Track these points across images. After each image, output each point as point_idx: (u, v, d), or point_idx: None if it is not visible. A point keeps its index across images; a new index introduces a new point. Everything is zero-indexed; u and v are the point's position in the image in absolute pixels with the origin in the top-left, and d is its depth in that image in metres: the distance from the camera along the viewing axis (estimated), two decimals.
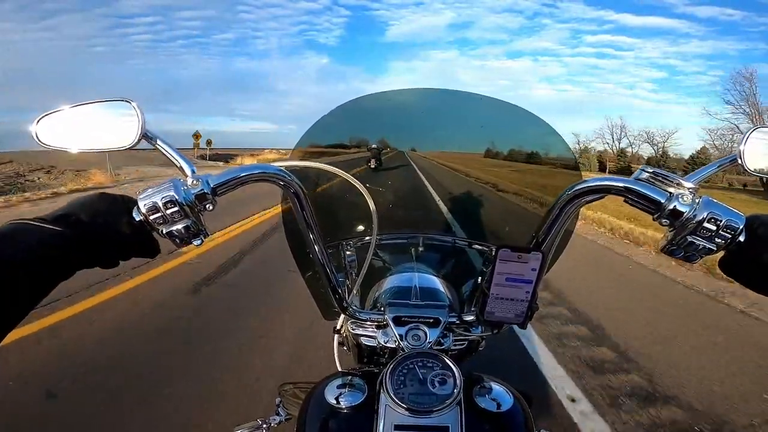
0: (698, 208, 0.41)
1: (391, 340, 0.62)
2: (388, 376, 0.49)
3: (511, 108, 0.75)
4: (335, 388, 0.51)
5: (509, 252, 0.50)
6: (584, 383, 1.96)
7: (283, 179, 0.48)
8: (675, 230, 0.42)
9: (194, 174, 0.44)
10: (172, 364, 1.96)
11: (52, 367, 1.88)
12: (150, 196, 0.41)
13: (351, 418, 0.49)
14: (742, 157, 0.44)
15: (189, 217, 0.42)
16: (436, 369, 0.50)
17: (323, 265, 0.57)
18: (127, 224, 0.41)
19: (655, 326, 2.71)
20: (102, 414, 1.60)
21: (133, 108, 0.45)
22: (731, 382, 2.05)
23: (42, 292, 0.36)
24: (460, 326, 0.62)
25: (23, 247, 0.35)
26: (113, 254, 0.41)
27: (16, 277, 0.34)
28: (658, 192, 0.43)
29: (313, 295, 0.77)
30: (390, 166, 1.00)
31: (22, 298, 0.35)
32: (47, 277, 0.36)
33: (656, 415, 1.76)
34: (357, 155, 0.98)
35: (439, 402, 0.46)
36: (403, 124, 0.90)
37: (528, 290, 0.51)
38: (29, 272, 0.35)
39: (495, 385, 0.52)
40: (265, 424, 0.70)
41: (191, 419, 1.59)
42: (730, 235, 0.40)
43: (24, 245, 0.35)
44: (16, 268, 0.34)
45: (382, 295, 0.73)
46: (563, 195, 0.48)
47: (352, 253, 0.79)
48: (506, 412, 0.49)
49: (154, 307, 2.63)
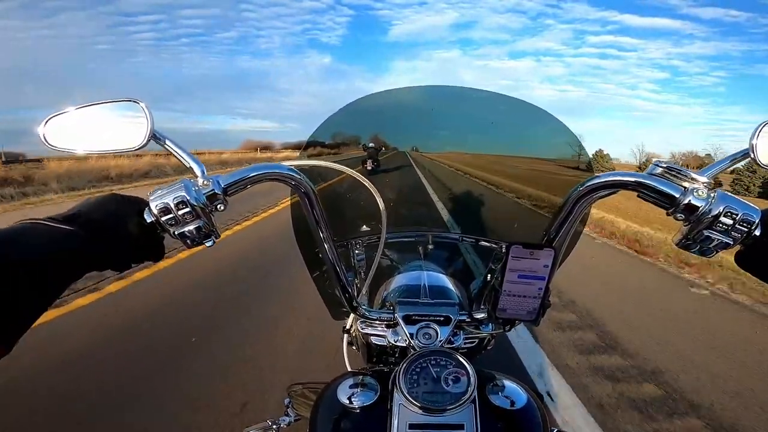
0: (714, 203, 0.40)
1: (401, 339, 0.61)
2: (402, 375, 0.49)
3: (521, 104, 0.75)
4: (347, 387, 0.51)
5: (521, 249, 0.50)
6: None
7: (294, 179, 0.48)
8: (690, 225, 0.42)
9: (205, 174, 0.44)
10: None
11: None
12: (161, 197, 0.41)
13: (365, 418, 0.48)
14: (755, 150, 0.43)
15: (200, 217, 0.42)
16: (449, 367, 0.50)
17: (333, 264, 0.57)
18: (138, 225, 0.41)
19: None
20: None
21: (142, 108, 0.44)
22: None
23: (54, 292, 0.36)
24: (470, 324, 0.62)
25: (35, 247, 0.34)
26: (125, 256, 0.41)
27: (28, 276, 0.33)
28: (672, 187, 0.42)
29: (322, 294, 0.76)
30: (390, 168, 0.99)
31: (36, 298, 0.34)
32: (59, 276, 0.36)
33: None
34: (357, 155, 0.97)
35: (454, 400, 0.46)
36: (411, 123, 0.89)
37: (540, 287, 0.51)
38: (41, 272, 0.34)
39: (508, 382, 0.52)
40: (275, 425, 0.69)
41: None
42: (747, 229, 0.40)
43: (36, 245, 0.35)
44: (27, 267, 0.33)
45: (391, 294, 0.73)
46: (576, 190, 0.48)
47: (361, 252, 0.79)
48: (520, 409, 0.48)
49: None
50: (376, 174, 1.00)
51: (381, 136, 1.00)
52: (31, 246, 0.35)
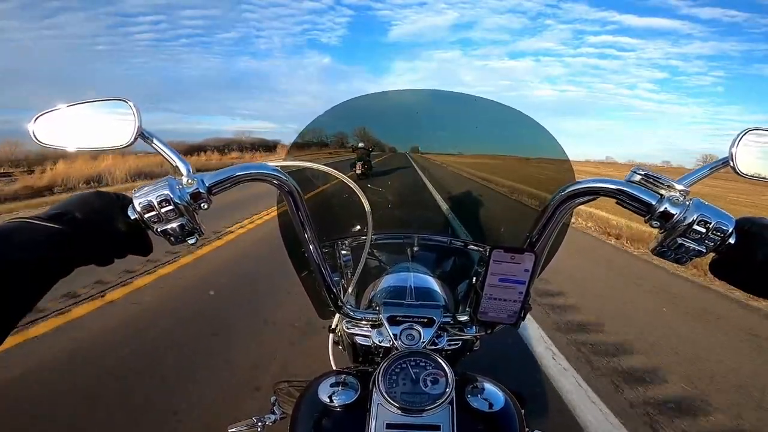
0: (689, 210, 0.41)
1: (385, 339, 0.62)
2: (381, 375, 0.49)
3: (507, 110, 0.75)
4: (329, 386, 0.51)
5: (502, 253, 0.50)
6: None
7: (278, 179, 0.48)
8: (666, 232, 0.43)
9: (190, 173, 0.44)
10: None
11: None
12: (145, 194, 0.42)
13: (344, 417, 0.49)
14: (734, 159, 0.43)
15: (184, 215, 0.43)
16: (428, 368, 0.50)
17: (318, 264, 0.58)
18: (122, 222, 0.42)
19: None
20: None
21: (130, 107, 0.45)
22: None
23: (41, 290, 0.36)
24: (454, 326, 0.62)
25: (22, 246, 0.35)
26: (109, 252, 0.42)
27: (17, 275, 0.34)
28: (649, 194, 0.43)
29: (309, 294, 0.77)
30: (383, 170, 0.98)
31: (23, 296, 0.35)
32: (46, 274, 0.37)
33: None
34: (347, 157, 0.97)
35: (431, 401, 0.46)
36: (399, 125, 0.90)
37: (521, 291, 0.52)
38: (29, 270, 0.35)
39: (488, 385, 0.52)
40: (260, 423, 0.70)
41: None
42: (720, 237, 0.40)
43: (23, 243, 0.35)
44: (16, 266, 0.34)
45: (377, 295, 0.73)
46: (556, 196, 0.48)
47: (347, 252, 0.79)
48: (498, 412, 0.49)
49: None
50: (368, 178, 1.00)
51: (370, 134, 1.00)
52: (19, 244, 0.35)
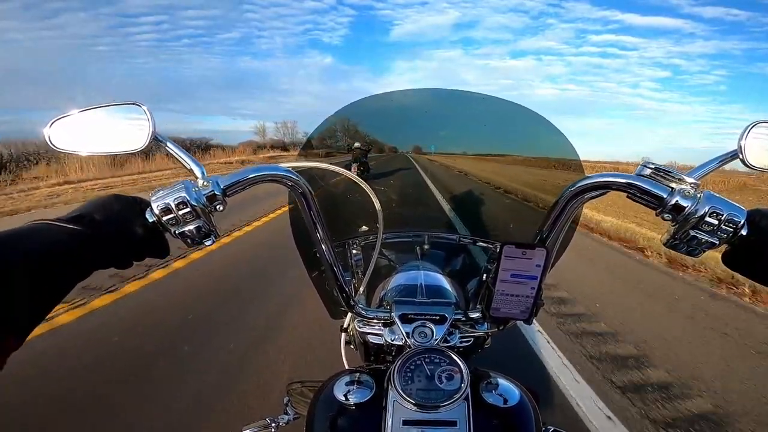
0: (700, 203, 0.41)
1: (398, 337, 0.62)
2: (396, 372, 0.49)
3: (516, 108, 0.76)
4: (344, 385, 0.52)
5: (514, 248, 0.51)
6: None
7: (291, 180, 0.49)
8: (677, 225, 0.43)
9: (205, 175, 0.45)
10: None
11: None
12: (162, 197, 0.42)
13: (360, 415, 0.49)
14: (743, 151, 0.44)
15: (200, 217, 0.43)
16: (443, 365, 0.51)
17: (330, 264, 0.58)
18: (140, 225, 0.42)
19: None
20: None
21: (144, 111, 0.46)
22: None
23: (62, 291, 0.37)
24: (466, 323, 0.63)
25: (43, 247, 0.36)
26: (128, 254, 0.42)
27: (38, 275, 0.34)
28: (660, 187, 0.43)
29: (321, 294, 0.77)
30: (383, 172, 0.98)
31: (47, 293, 0.36)
32: (67, 275, 0.37)
33: None
34: (342, 159, 0.97)
35: (447, 397, 0.47)
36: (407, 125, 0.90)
37: (533, 286, 0.52)
38: (51, 270, 0.35)
39: (502, 380, 0.52)
40: (274, 423, 0.70)
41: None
42: (732, 229, 0.41)
43: (45, 244, 0.36)
44: (40, 264, 0.35)
45: (388, 294, 0.74)
46: (567, 191, 0.48)
47: (358, 252, 0.80)
48: (513, 407, 0.49)
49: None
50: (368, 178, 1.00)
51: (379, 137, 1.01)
52: (42, 244, 0.36)
